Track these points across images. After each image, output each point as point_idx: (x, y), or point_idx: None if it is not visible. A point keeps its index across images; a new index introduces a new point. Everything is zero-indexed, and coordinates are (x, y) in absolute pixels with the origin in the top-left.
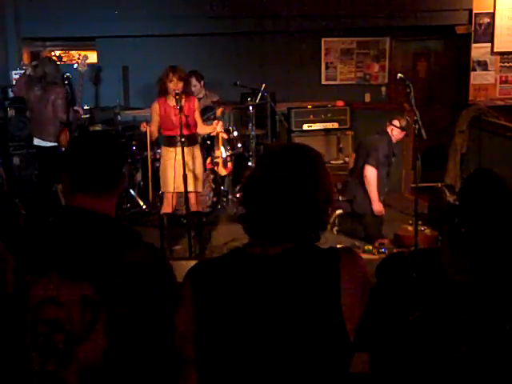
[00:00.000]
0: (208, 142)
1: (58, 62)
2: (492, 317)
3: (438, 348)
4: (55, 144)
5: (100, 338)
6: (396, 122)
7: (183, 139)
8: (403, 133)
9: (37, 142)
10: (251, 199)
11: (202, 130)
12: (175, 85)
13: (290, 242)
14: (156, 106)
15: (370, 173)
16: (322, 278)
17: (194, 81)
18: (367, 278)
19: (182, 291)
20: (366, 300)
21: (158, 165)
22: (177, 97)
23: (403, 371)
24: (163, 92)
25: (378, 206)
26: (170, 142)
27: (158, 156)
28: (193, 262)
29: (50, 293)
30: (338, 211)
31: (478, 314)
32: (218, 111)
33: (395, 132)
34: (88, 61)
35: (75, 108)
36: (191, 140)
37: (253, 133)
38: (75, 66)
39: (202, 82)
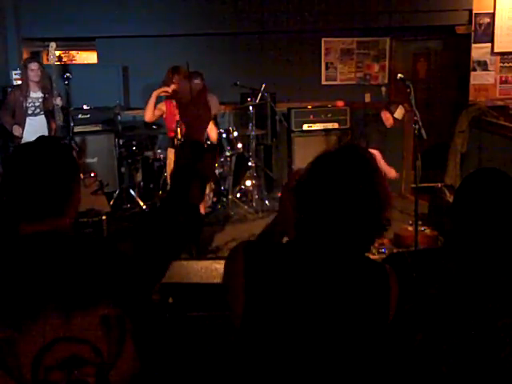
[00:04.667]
0: (208, 142)
1: (58, 63)
2: (484, 314)
3: (427, 339)
4: None
5: (130, 350)
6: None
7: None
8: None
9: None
10: (307, 204)
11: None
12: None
13: (346, 246)
14: (163, 105)
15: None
16: (372, 290)
17: (199, 80)
18: None
19: (233, 263)
20: None
21: (157, 165)
22: None
23: (392, 360)
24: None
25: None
26: (173, 143)
27: (158, 156)
28: (192, 263)
29: (50, 336)
30: None
31: (470, 310)
32: None
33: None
34: (87, 61)
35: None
36: None
37: (253, 133)
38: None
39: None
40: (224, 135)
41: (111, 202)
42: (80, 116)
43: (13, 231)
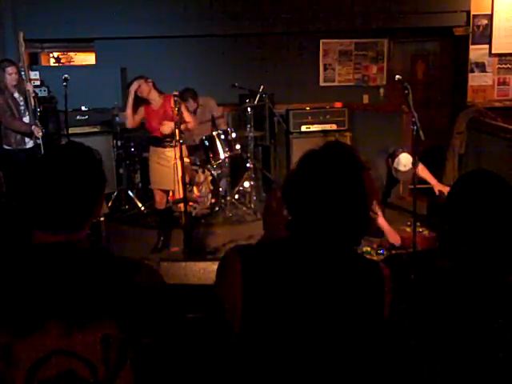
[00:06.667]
0: (206, 143)
1: (56, 64)
2: (480, 315)
3: (423, 339)
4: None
5: (128, 375)
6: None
7: (180, 141)
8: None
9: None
10: (295, 202)
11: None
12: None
13: (336, 240)
14: (142, 109)
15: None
16: (366, 286)
17: (191, 102)
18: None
19: (229, 265)
20: None
21: None
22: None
23: (388, 359)
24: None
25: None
26: (154, 142)
27: None
28: (191, 264)
29: (49, 347)
30: None
31: (466, 312)
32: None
33: None
34: (86, 62)
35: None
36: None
37: (251, 134)
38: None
39: (197, 101)
40: (222, 136)
41: (109, 204)
42: (78, 117)
43: (26, 239)
